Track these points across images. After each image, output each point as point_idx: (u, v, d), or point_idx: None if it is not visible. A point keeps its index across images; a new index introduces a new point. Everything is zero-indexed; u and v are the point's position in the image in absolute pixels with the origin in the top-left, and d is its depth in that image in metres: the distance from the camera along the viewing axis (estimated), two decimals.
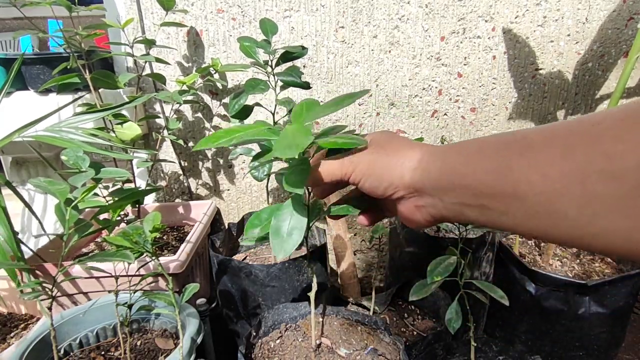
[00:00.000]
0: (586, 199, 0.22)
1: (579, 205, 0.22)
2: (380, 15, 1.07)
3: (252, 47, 0.83)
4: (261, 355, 0.68)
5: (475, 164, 0.28)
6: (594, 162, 0.21)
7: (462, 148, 0.30)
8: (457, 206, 0.30)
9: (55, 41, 0.96)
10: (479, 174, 0.28)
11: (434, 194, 0.32)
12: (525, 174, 0.24)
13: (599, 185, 0.21)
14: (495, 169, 0.27)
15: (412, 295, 0.66)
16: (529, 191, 0.24)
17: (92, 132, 0.72)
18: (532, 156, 0.24)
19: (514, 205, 0.26)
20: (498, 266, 1.00)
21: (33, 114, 0.77)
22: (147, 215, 0.57)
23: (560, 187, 0.23)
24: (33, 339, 0.65)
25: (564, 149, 0.23)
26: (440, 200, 0.31)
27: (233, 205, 1.24)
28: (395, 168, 0.34)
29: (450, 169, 0.30)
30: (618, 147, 0.21)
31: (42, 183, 0.59)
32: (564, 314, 0.89)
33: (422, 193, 0.33)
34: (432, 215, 0.33)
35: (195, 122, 1.15)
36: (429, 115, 1.17)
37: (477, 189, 0.28)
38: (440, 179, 0.31)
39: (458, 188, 0.29)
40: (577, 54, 1.11)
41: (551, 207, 0.23)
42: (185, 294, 0.61)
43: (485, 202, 0.27)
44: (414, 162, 0.33)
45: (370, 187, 0.36)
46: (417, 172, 0.32)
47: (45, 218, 1.07)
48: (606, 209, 0.21)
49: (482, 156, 0.28)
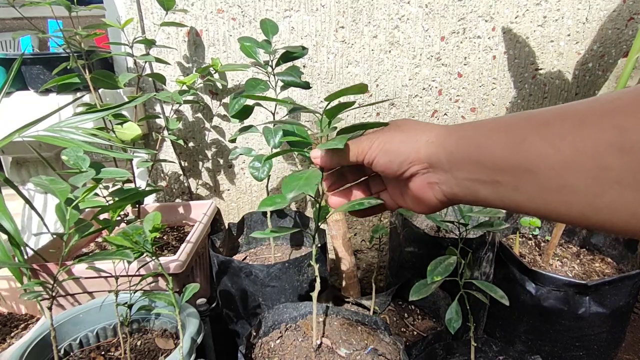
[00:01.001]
0: (596, 172, 0.22)
1: (588, 178, 0.22)
2: (380, 15, 1.07)
3: (253, 47, 0.83)
4: (261, 355, 0.68)
5: (491, 138, 0.29)
6: (606, 135, 0.21)
7: (478, 124, 0.31)
8: (470, 182, 0.30)
9: (55, 41, 0.96)
10: (493, 148, 0.28)
11: (448, 168, 0.32)
12: (538, 147, 0.25)
13: (609, 158, 0.21)
14: (509, 142, 0.27)
15: (412, 295, 0.66)
16: (542, 165, 0.25)
17: (92, 132, 0.72)
18: (546, 130, 0.25)
19: (526, 180, 0.26)
20: (498, 266, 1.00)
21: (33, 114, 0.77)
22: (147, 215, 0.57)
23: (572, 160, 0.23)
24: (33, 339, 0.65)
25: (577, 123, 0.23)
26: (453, 176, 0.32)
27: (233, 205, 1.24)
28: (411, 143, 0.34)
29: (466, 142, 0.30)
30: (630, 121, 0.21)
31: (44, 182, 0.59)
32: (564, 314, 0.89)
33: (437, 168, 0.33)
34: (444, 193, 0.33)
35: (195, 122, 1.15)
36: (429, 115, 1.16)
37: (491, 163, 0.28)
38: (456, 152, 0.31)
39: (472, 162, 0.30)
40: (577, 54, 1.11)
41: (562, 181, 0.24)
42: (186, 294, 0.61)
43: (499, 178, 0.28)
44: (431, 137, 0.33)
45: (384, 163, 0.36)
46: (432, 145, 0.33)
47: (45, 218, 1.07)
48: (615, 182, 0.21)
49: (497, 131, 0.28)
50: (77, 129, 0.70)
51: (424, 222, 1.17)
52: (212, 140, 1.18)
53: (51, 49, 1.21)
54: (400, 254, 1.04)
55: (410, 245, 1.00)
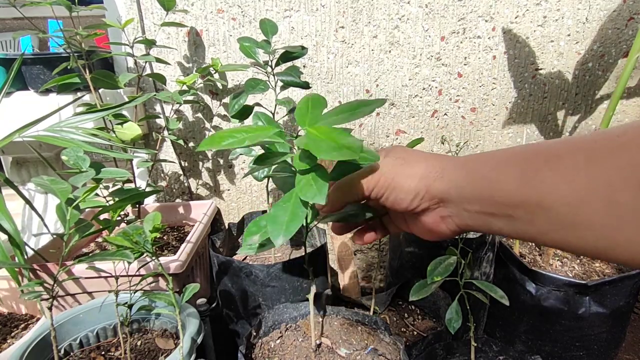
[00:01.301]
0: (611, 208, 0.22)
1: (604, 214, 0.22)
2: (380, 15, 1.07)
3: (252, 47, 0.83)
4: (261, 355, 0.68)
5: (501, 172, 0.28)
6: (618, 171, 0.21)
7: (487, 157, 0.30)
8: (482, 216, 0.30)
9: (55, 41, 0.96)
10: (504, 183, 0.28)
11: (460, 203, 0.32)
12: (551, 183, 0.25)
13: (624, 194, 0.21)
14: (520, 177, 0.27)
15: (412, 295, 0.66)
16: (556, 201, 0.24)
17: (93, 132, 0.72)
18: (558, 165, 0.25)
19: (540, 216, 0.26)
20: (498, 266, 1.00)
21: (33, 114, 0.77)
22: (147, 215, 0.57)
23: (586, 196, 0.23)
24: (33, 339, 0.65)
25: (589, 158, 0.23)
26: (465, 210, 0.31)
27: (233, 205, 1.24)
28: (419, 178, 0.33)
29: (476, 178, 0.30)
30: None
31: (45, 182, 0.59)
32: (564, 314, 0.89)
33: (448, 203, 0.33)
34: (457, 225, 0.33)
35: (196, 122, 1.15)
36: (429, 115, 1.17)
37: (503, 198, 0.28)
38: (466, 188, 0.31)
39: (484, 197, 0.29)
40: (577, 54, 1.11)
41: (577, 215, 0.23)
42: (186, 294, 0.61)
43: (511, 212, 0.27)
44: (439, 172, 0.33)
45: (394, 200, 0.35)
46: (442, 182, 0.32)
47: (45, 218, 1.07)
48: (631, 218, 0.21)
49: (507, 165, 0.28)
50: (77, 129, 0.70)
51: None
52: None
53: (51, 49, 1.21)
54: (400, 254, 1.04)
55: (410, 245, 1.00)
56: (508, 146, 1.20)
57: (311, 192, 0.33)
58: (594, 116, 1.17)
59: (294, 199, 0.36)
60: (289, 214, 0.35)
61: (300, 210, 0.35)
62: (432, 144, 1.20)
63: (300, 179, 0.34)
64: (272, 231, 0.34)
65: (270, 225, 0.34)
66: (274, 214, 0.35)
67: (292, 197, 0.36)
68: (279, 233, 0.33)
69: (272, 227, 0.34)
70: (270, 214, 0.35)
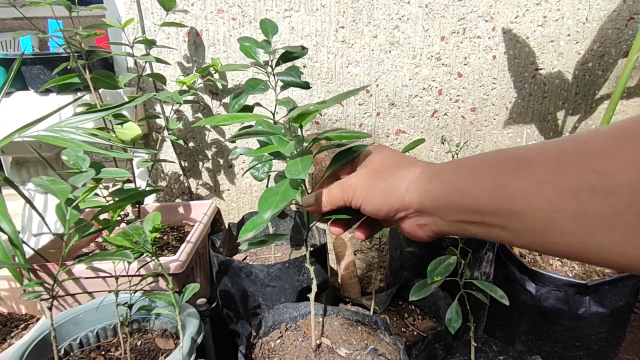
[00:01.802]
0: (580, 214, 0.22)
1: (574, 220, 0.23)
2: (380, 15, 1.07)
3: (252, 47, 0.83)
4: (261, 355, 0.68)
5: (472, 182, 0.29)
6: (586, 179, 0.22)
7: (458, 165, 0.31)
8: (458, 223, 0.31)
9: (55, 41, 0.96)
10: (476, 192, 0.28)
11: (434, 213, 0.33)
12: (521, 191, 0.25)
13: (591, 201, 0.22)
14: (492, 186, 0.27)
15: (412, 295, 0.66)
16: (527, 208, 0.25)
17: (92, 132, 0.72)
18: (528, 173, 0.25)
19: (513, 222, 0.26)
20: (498, 266, 1.00)
21: (33, 114, 0.77)
22: (147, 215, 0.57)
23: (556, 204, 0.23)
24: (33, 339, 0.65)
25: (557, 166, 0.24)
26: (440, 218, 0.32)
27: (233, 205, 1.24)
28: (394, 191, 0.35)
29: (448, 188, 0.31)
30: (608, 165, 0.21)
31: (45, 182, 0.59)
32: (564, 314, 0.89)
33: (423, 212, 0.34)
34: (434, 231, 0.34)
35: (196, 122, 1.15)
36: (429, 115, 1.17)
37: (475, 207, 0.28)
38: (439, 198, 0.32)
39: (457, 206, 0.30)
40: (577, 54, 1.11)
41: (549, 222, 0.24)
42: (186, 294, 0.61)
43: (485, 219, 0.28)
44: (412, 184, 0.34)
45: (372, 211, 0.37)
46: (415, 193, 0.33)
47: (45, 218, 1.07)
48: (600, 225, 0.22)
49: (478, 174, 0.29)
50: (77, 129, 0.70)
51: None
52: (212, 140, 1.18)
53: (51, 49, 1.21)
54: (400, 254, 1.04)
55: (410, 245, 1.00)
56: (508, 146, 1.20)
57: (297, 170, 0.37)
58: (594, 116, 1.17)
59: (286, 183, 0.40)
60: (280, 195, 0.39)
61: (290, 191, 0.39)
62: (432, 144, 1.20)
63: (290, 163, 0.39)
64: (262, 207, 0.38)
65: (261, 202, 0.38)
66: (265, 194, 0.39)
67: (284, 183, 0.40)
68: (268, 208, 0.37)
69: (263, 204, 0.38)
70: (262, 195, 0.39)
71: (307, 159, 0.38)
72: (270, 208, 0.37)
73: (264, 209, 0.37)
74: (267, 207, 0.37)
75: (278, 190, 0.39)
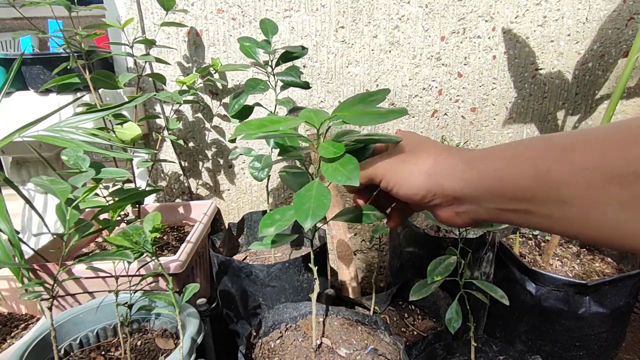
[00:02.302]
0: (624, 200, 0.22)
1: (617, 206, 0.23)
2: (380, 15, 1.07)
3: (252, 47, 0.83)
4: (261, 355, 0.68)
5: (515, 169, 0.28)
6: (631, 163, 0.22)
7: (498, 154, 0.30)
8: (497, 211, 0.30)
9: (55, 41, 0.96)
10: (518, 180, 0.28)
11: (474, 201, 0.32)
12: (567, 178, 0.25)
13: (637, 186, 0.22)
14: (535, 173, 0.27)
15: (412, 295, 0.66)
16: (572, 196, 0.25)
17: (92, 132, 0.72)
18: (572, 159, 0.25)
19: (557, 210, 0.26)
20: (498, 266, 1.00)
21: (33, 114, 0.77)
22: (147, 215, 0.57)
23: (601, 189, 0.23)
24: (33, 339, 0.65)
25: (602, 152, 0.23)
26: (480, 206, 0.32)
27: (233, 205, 1.24)
28: (430, 175, 0.34)
29: (490, 176, 0.30)
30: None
31: (44, 182, 0.59)
32: (564, 314, 0.89)
33: (462, 201, 0.33)
34: (473, 219, 0.34)
35: (195, 122, 1.15)
36: (429, 115, 1.17)
37: (517, 195, 0.28)
38: (480, 186, 0.31)
39: (498, 195, 0.29)
40: (577, 54, 1.11)
41: (593, 209, 0.24)
42: (186, 294, 0.61)
43: (528, 207, 0.28)
44: (450, 170, 0.33)
45: (405, 195, 0.36)
46: (454, 180, 0.32)
47: (45, 218, 1.07)
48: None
49: (520, 161, 0.28)
50: (77, 129, 0.70)
51: (424, 222, 1.17)
52: (212, 140, 1.18)
53: (51, 49, 1.21)
54: (400, 254, 1.04)
55: (410, 245, 1.00)
56: None
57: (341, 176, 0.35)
58: (594, 116, 1.17)
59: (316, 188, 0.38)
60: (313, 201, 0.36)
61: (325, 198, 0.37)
62: None
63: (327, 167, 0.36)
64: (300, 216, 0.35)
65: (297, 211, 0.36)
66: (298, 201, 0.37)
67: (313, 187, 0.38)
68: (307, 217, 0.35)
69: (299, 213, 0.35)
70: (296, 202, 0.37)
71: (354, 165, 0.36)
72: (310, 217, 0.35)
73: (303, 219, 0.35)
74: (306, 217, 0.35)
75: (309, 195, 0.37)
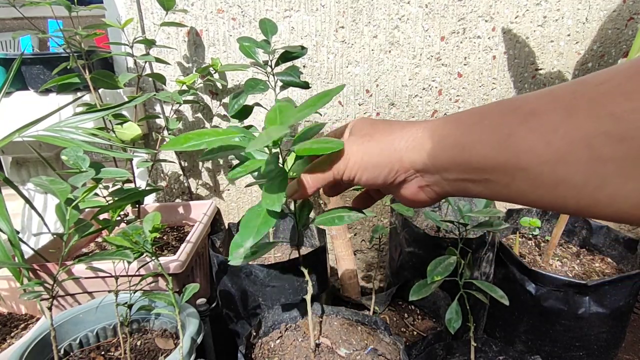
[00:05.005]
0: (593, 163, 0.21)
1: (585, 171, 0.21)
2: (380, 15, 1.07)
3: (252, 47, 0.83)
4: (261, 355, 0.68)
5: (474, 136, 0.27)
6: (600, 124, 0.20)
7: (458, 119, 0.29)
8: (460, 182, 0.29)
9: (55, 41, 0.96)
10: (479, 147, 0.26)
11: (435, 171, 0.30)
12: (527, 142, 0.23)
13: (606, 148, 0.20)
14: (495, 139, 0.25)
15: (412, 295, 0.66)
16: (533, 160, 0.23)
17: (92, 132, 0.72)
18: (534, 123, 0.23)
19: (518, 177, 0.24)
20: (498, 266, 1.00)
21: (33, 114, 0.77)
22: (147, 215, 0.57)
23: (565, 154, 0.22)
24: (33, 339, 0.65)
25: (567, 112, 0.22)
26: (442, 177, 0.30)
27: (233, 205, 1.24)
28: (391, 152, 0.32)
29: (449, 144, 0.29)
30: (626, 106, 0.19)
31: (44, 182, 0.59)
32: (564, 314, 0.89)
33: (424, 172, 0.31)
34: (436, 192, 0.32)
35: (195, 122, 1.15)
36: (429, 115, 1.16)
37: (478, 163, 0.27)
38: (440, 155, 0.29)
39: (459, 163, 0.28)
40: (577, 54, 1.11)
41: (557, 175, 0.22)
42: (185, 294, 0.61)
43: (488, 176, 0.26)
44: (410, 142, 0.31)
45: (368, 179, 0.34)
46: (414, 151, 0.31)
47: (45, 218, 1.07)
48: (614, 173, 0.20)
49: (480, 127, 0.27)
50: (77, 129, 0.70)
51: (424, 222, 1.17)
52: None
53: (51, 49, 1.21)
54: (400, 254, 1.04)
55: (410, 245, 1.00)
56: None
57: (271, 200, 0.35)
58: None
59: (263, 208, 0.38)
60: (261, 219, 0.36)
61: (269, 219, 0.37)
62: None
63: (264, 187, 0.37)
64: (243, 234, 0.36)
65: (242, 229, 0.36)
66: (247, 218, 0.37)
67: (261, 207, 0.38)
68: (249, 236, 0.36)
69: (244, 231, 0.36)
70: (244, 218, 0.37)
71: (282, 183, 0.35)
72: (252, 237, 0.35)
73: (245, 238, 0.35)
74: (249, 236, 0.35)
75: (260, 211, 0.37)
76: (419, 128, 0.31)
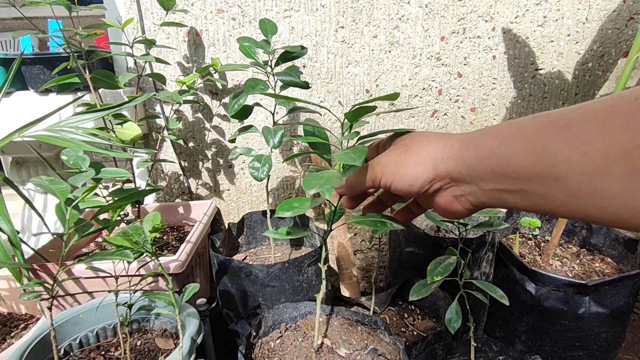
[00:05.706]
0: (631, 175, 0.21)
1: (623, 182, 0.22)
2: (380, 15, 1.07)
3: (252, 47, 0.83)
4: (261, 355, 0.68)
5: (511, 147, 0.27)
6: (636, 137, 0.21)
7: (494, 131, 0.30)
8: (496, 192, 0.30)
9: (55, 41, 0.96)
10: (515, 157, 0.27)
11: (471, 181, 0.31)
12: (564, 153, 0.24)
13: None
14: (532, 150, 0.26)
15: (412, 295, 0.66)
16: (570, 171, 0.24)
17: (92, 132, 0.72)
18: (571, 135, 0.24)
19: (555, 187, 0.25)
20: (498, 266, 1.00)
21: (33, 114, 0.77)
22: (147, 215, 0.57)
23: (602, 165, 0.22)
24: (33, 339, 0.65)
25: (603, 125, 0.22)
26: (478, 187, 0.31)
27: (233, 205, 1.24)
28: (427, 161, 0.33)
29: (486, 154, 0.29)
30: None
31: (44, 182, 0.59)
32: (564, 314, 0.89)
33: (459, 182, 0.32)
34: (472, 203, 0.33)
35: (195, 122, 1.15)
36: (429, 115, 1.17)
37: (515, 173, 0.27)
38: (476, 164, 0.30)
39: (495, 174, 0.29)
40: (577, 54, 1.11)
41: (594, 186, 0.23)
42: (185, 294, 0.61)
43: (525, 186, 0.27)
44: (446, 152, 0.32)
45: (404, 187, 0.35)
46: (450, 160, 0.32)
47: (45, 218, 1.07)
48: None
49: (517, 138, 0.27)
50: (77, 129, 0.70)
51: (424, 222, 1.17)
52: (212, 140, 1.18)
53: (51, 48, 1.21)
54: (400, 254, 1.04)
55: (410, 245, 1.00)
56: None
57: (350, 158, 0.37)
58: None
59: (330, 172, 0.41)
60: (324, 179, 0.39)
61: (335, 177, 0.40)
62: None
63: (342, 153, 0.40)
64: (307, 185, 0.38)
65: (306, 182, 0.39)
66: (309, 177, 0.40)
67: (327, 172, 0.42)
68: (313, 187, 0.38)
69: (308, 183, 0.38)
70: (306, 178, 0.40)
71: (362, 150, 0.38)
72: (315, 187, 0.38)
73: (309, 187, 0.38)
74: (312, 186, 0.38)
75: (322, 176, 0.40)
76: (455, 139, 0.32)
